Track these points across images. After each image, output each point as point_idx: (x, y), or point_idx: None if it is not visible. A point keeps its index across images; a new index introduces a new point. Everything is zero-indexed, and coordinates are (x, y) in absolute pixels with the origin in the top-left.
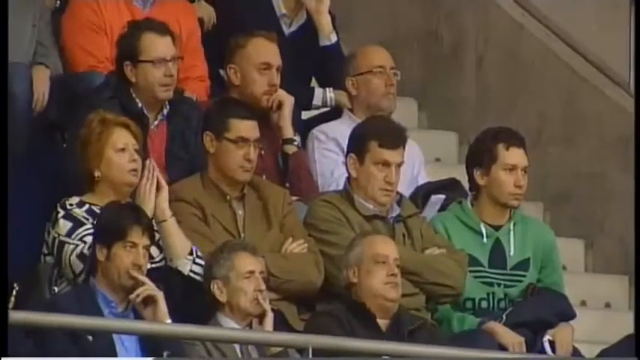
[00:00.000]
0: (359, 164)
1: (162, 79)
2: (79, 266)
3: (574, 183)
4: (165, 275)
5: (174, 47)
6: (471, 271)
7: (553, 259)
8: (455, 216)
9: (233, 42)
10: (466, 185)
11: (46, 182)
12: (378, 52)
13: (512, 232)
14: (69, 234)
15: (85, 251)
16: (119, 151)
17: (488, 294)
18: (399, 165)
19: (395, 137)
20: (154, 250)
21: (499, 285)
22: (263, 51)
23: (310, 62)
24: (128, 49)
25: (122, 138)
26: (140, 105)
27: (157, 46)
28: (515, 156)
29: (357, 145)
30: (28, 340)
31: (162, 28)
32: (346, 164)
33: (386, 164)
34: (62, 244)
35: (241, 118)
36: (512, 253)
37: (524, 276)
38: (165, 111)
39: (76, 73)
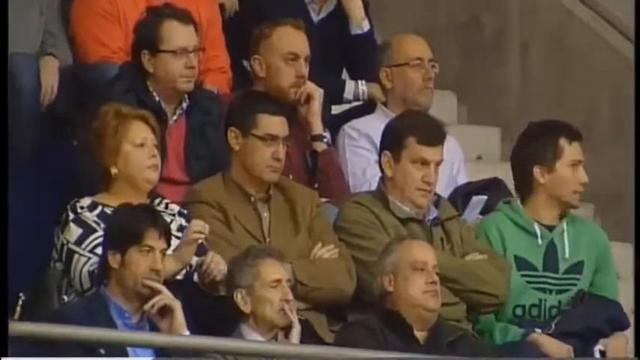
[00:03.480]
0: (394, 162)
1: (182, 71)
2: (88, 283)
3: (625, 183)
4: (183, 284)
5: (196, 37)
6: (523, 276)
7: (607, 262)
8: (506, 216)
9: (257, 31)
10: (510, 185)
11: (55, 181)
12: (415, 43)
13: (566, 233)
14: (79, 242)
15: (96, 269)
16: (138, 146)
17: (540, 300)
18: (438, 163)
19: (434, 133)
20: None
21: (551, 291)
22: (290, 40)
23: (341, 52)
24: (147, 37)
25: (141, 132)
26: (158, 98)
27: (179, 35)
28: (578, 150)
29: (392, 142)
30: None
31: (185, 16)
32: (380, 162)
33: (424, 162)
34: (71, 252)
35: (270, 114)
36: (567, 255)
37: (578, 279)
38: (184, 104)
39: (88, 64)
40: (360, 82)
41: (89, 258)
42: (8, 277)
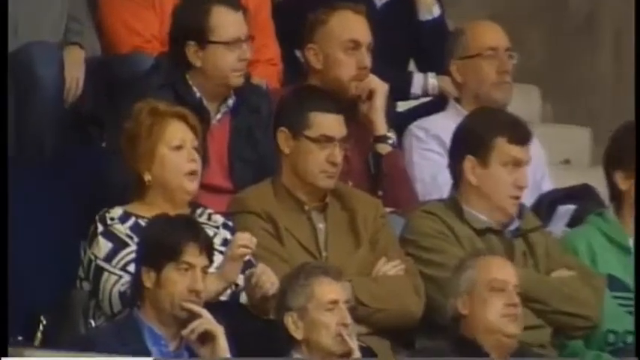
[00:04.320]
0: (481, 167)
1: (235, 64)
2: (119, 305)
3: None
4: (227, 306)
5: (245, 24)
6: (615, 298)
7: None
8: (597, 229)
9: (312, 16)
10: (603, 193)
11: (81, 189)
12: (489, 30)
13: None
14: (108, 258)
15: (129, 290)
16: (175, 149)
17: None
18: (527, 165)
19: (523, 131)
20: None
21: None
22: (350, 26)
23: (408, 41)
24: (194, 26)
25: (178, 133)
26: (199, 94)
27: (230, 23)
28: None
29: (476, 144)
30: None
31: (234, 1)
32: (454, 168)
33: (517, 164)
34: (100, 270)
35: (325, 112)
36: None
37: None
38: (230, 102)
39: (118, 54)
40: (429, 74)
41: (120, 276)
42: (8, 271)
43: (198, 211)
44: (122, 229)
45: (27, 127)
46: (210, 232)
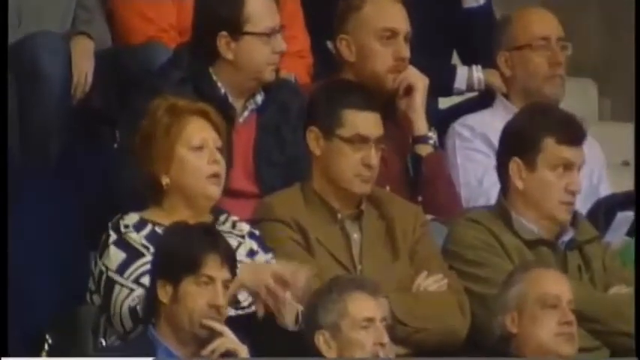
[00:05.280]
0: (528, 171)
1: (270, 57)
2: (130, 323)
3: None
4: (250, 321)
5: (278, 13)
6: None
7: None
8: None
9: (344, 4)
10: None
11: (92, 194)
12: (541, 18)
13: None
14: (121, 269)
15: (139, 307)
16: (195, 150)
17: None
18: (580, 168)
19: (575, 129)
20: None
21: None
22: (385, 13)
23: (451, 31)
24: (227, 16)
25: (200, 131)
26: (224, 90)
27: (266, 12)
28: None
29: (523, 145)
30: None
31: None
32: (502, 172)
33: (568, 166)
34: (111, 282)
35: (359, 109)
36: None
37: None
38: (259, 98)
39: (132, 45)
40: (474, 67)
41: (131, 290)
42: (8, 269)
43: (222, 218)
44: (137, 238)
45: (31, 125)
46: (234, 241)
